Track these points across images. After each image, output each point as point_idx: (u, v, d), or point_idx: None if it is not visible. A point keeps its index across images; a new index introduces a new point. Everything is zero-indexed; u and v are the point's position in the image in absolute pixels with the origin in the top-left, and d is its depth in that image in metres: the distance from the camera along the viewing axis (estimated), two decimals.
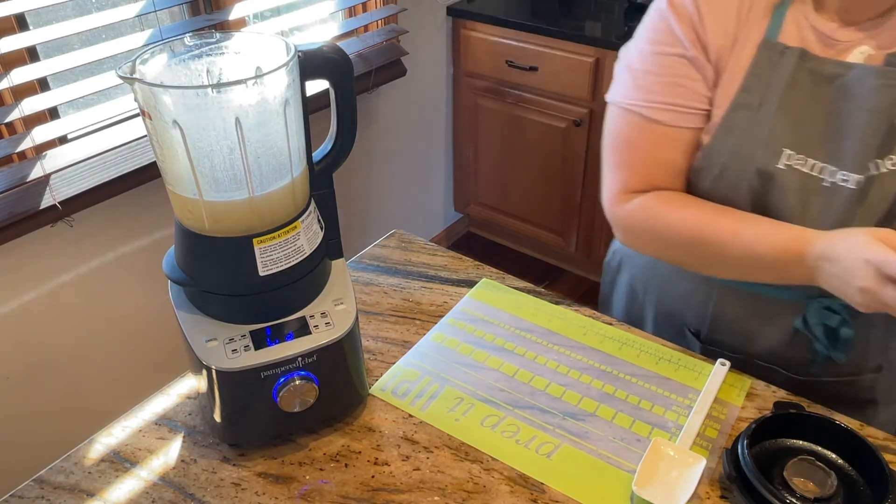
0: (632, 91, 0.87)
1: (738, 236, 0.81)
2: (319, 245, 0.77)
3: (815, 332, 0.88)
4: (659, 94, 0.85)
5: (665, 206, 0.86)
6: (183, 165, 0.67)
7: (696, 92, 0.84)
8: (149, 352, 1.77)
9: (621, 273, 1.12)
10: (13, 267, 1.47)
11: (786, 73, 0.81)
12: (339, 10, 2.00)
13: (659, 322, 1.04)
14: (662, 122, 0.85)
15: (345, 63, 0.74)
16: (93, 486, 0.76)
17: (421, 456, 0.79)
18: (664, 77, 0.85)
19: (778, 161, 0.82)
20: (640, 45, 0.88)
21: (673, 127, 0.85)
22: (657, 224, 0.86)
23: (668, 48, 0.84)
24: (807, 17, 0.82)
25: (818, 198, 0.82)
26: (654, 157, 0.88)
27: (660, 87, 0.85)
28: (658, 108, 0.85)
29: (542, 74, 2.22)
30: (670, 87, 0.84)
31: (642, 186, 0.88)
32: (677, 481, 0.73)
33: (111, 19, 1.47)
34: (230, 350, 0.72)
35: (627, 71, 0.88)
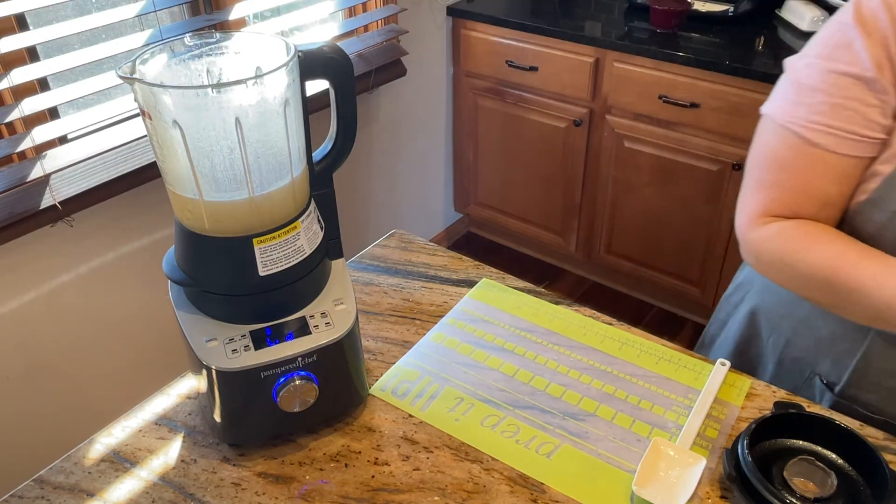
0: (792, 108, 0.78)
1: (879, 282, 0.73)
2: (319, 245, 0.77)
3: None
4: (824, 115, 0.76)
5: (805, 238, 0.78)
6: (183, 165, 0.67)
7: (867, 119, 0.74)
8: (149, 352, 1.77)
9: (741, 308, 1.03)
10: (13, 267, 1.47)
11: None
12: (339, 10, 2.00)
13: (784, 365, 0.96)
14: (822, 146, 0.76)
15: (345, 63, 0.74)
16: (93, 486, 0.76)
17: (421, 456, 0.79)
18: (833, 98, 0.75)
19: None
20: (811, 59, 0.78)
21: (833, 153, 0.76)
22: (794, 256, 0.79)
23: (844, 66, 0.74)
24: None
25: None
26: (805, 182, 0.79)
27: (826, 108, 0.75)
28: (820, 131, 0.76)
29: (542, 74, 2.22)
30: (838, 110, 0.75)
31: (785, 212, 0.81)
32: (677, 481, 0.73)
33: (111, 19, 1.47)
34: (230, 350, 0.72)
35: (792, 85, 0.79)
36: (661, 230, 2.22)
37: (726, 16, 2.09)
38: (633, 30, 2.12)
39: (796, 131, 0.78)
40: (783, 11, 2.13)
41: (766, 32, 2.07)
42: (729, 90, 1.86)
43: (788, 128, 0.78)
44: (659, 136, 2.07)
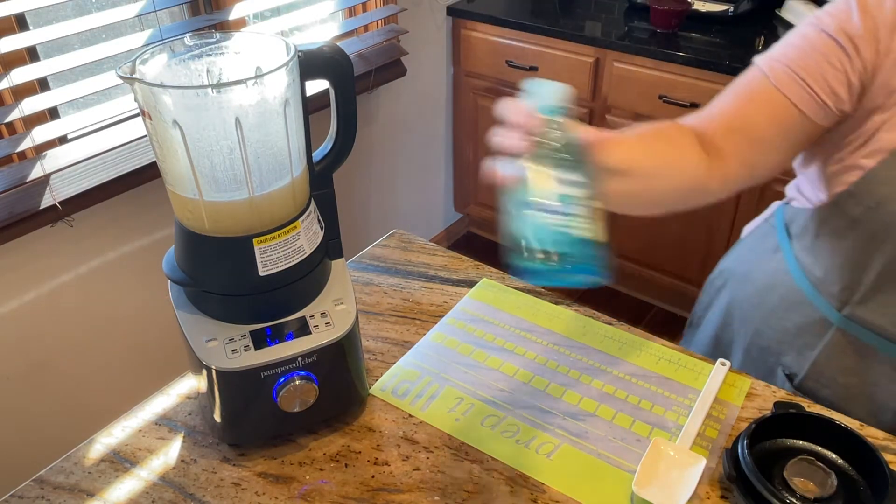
0: (771, 51, 0.80)
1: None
2: (319, 245, 0.77)
3: None
4: (787, 57, 0.76)
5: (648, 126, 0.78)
6: (183, 165, 0.67)
7: (824, 77, 0.74)
8: (149, 352, 1.77)
9: (722, 294, 1.05)
10: (13, 267, 1.47)
11: None
12: (339, 10, 2.00)
13: (751, 355, 0.98)
14: (771, 78, 0.76)
15: (345, 63, 0.74)
16: (93, 486, 0.76)
17: (421, 456, 0.79)
18: (804, 48, 0.76)
19: None
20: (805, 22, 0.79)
21: (776, 89, 0.76)
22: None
23: (827, 26, 0.75)
24: None
25: None
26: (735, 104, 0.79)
27: (792, 52, 0.76)
28: (780, 70, 0.76)
29: (542, 74, 2.22)
30: (803, 56, 0.75)
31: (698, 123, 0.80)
32: (677, 481, 0.73)
33: (111, 19, 1.47)
34: (230, 350, 0.72)
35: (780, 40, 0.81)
36: (661, 230, 2.22)
37: (726, 16, 2.09)
38: (633, 30, 2.12)
39: (759, 65, 0.79)
40: (783, 11, 2.13)
41: (766, 32, 2.07)
42: None
43: (755, 63, 0.80)
44: None
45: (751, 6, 2.11)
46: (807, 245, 0.89)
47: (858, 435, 0.72)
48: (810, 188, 0.89)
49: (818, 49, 0.75)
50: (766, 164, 0.80)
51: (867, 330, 0.84)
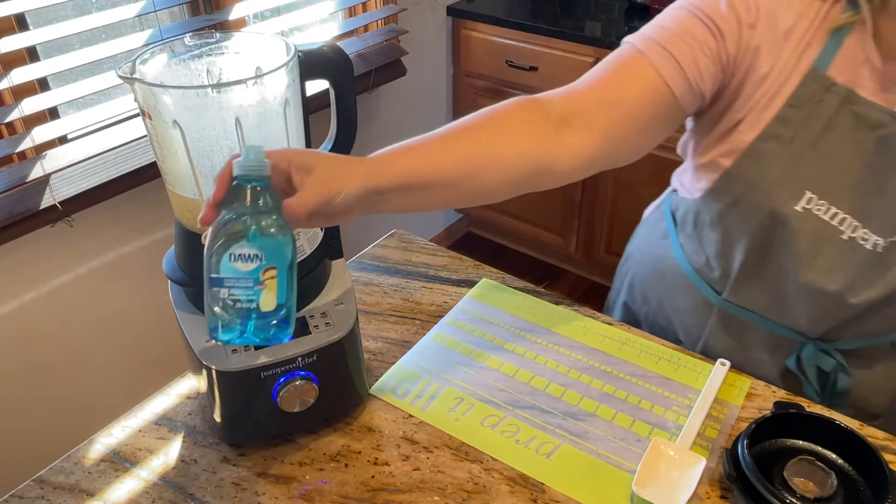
0: (643, 30, 0.80)
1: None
2: (319, 245, 0.77)
3: (808, 373, 0.86)
4: (662, 38, 0.77)
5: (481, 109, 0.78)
6: (183, 165, 0.67)
7: (695, 60, 0.76)
8: (149, 352, 1.77)
9: (625, 278, 1.10)
10: (13, 267, 1.47)
11: (827, 111, 0.74)
12: (339, 10, 2.00)
13: (654, 332, 1.01)
14: (644, 53, 0.76)
15: (345, 63, 0.74)
16: (93, 486, 0.76)
17: (421, 456, 0.79)
18: (676, 28, 0.77)
19: (798, 203, 0.77)
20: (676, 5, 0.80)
21: (649, 64, 0.76)
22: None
23: (699, 11, 0.76)
24: (865, 50, 0.74)
25: (832, 249, 0.77)
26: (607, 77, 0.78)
27: (666, 34, 0.77)
28: (653, 47, 0.77)
29: (542, 74, 2.22)
30: (676, 38, 0.76)
31: (566, 96, 0.78)
32: (677, 481, 0.73)
33: (111, 19, 1.47)
34: (230, 350, 0.72)
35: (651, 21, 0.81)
36: None
37: None
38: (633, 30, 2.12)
39: (632, 42, 0.79)
40: None
41: None
42: None
43: (630, 41, 0.79)
44: None
45: None
46: (689, 233, 0.94)
47: (858, 435, 0.72)
48: (689, 180, 0.93)
49: (690, 32, 0.76)
50: (631, 143, 0.80)
51: (744, 309, 0.89)
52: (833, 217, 0.77)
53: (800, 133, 0.76)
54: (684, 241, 0.95)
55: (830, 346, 0.85)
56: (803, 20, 0.75)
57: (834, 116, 0.75)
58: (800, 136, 0.76)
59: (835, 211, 0.77)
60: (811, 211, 0.77)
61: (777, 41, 0.75)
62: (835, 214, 0.77)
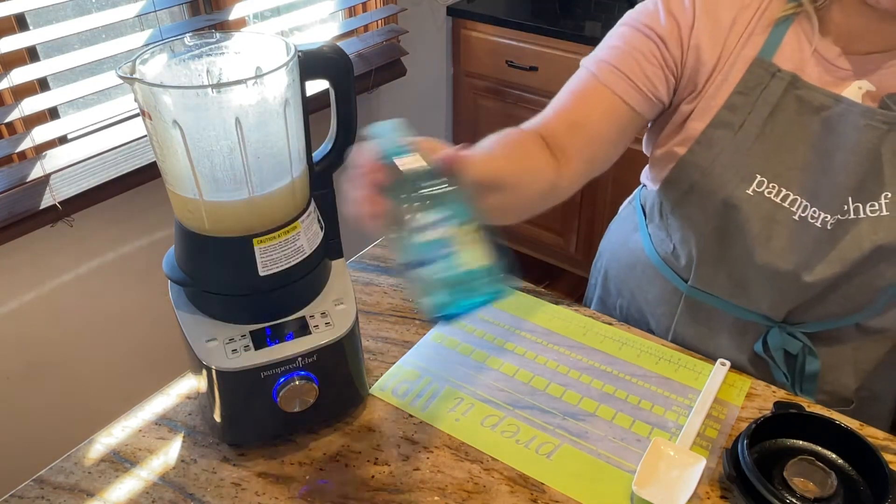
0: (595, 52, 0.87)
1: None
2: (319, 245, 0.77)
3: (776, 357, 0.88)
4: (612, 58, 0.83)
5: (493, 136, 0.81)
6: (183, 165, 0.67)
7: (645, 74, 0.82)
8: (149, 352, 1.77)
9: (600, 272, 1.12)
10: (13, 267, 1.47)
11: (773, 96, 0.78)
12: (339, 10, 2.00)
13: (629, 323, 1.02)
14: (602, 79, 0.83)
15: (345, 63, 0.74)
16: (93, 486, 0.76)
17: (421, 456, 0.79)
18: (624, 46, 0.83)
19: (749, 186, 0.80)
20: (624, 18, 0.87)
21: (605, 86, 0.83)
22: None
23: (641, 26, 0.83)
24: (809, 38, 0.78)
25: (785, 230, 0.80)
26: (571, 103, 0.85)
27: (616, 53, 0.83)
28: (604, 68, 0.83)
29: (542, 74, 2.22)
30: (624, 57, 0.83)
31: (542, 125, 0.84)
32: (677, 481, 0.73)
33: (111, 19, 1.47)
34: (230, 350, 0.72)
35: (602, 41, 0.88)
36: None
37: None
38: None
39: (587, 66, 0.86)
40: None
41: None
42: None
43: (583, 65, 0.87)
44: None
45: None
46: (656, 223, 0.97)
47: (858, 435, 0.72)
48: (651, 172, 0.96)
49: (636, 47, 0.82)
50: (603, 158, 0.87)
51: (709, 295, 0.92)
52: (784, 199, 0.80)
53: (748, 119, 0.79)
54: (652, 232, 0.99)
55: (795, 329, 0.88)
56: (746, 11, 0.80)
57: (780, 101, 0.78)
58: (748, 122, 0.79)
59: (785, 192, 0.80)
60: (762, 194, 0.80)
61: (719, 35, 0.80)
62: (786, 196, 0.80)
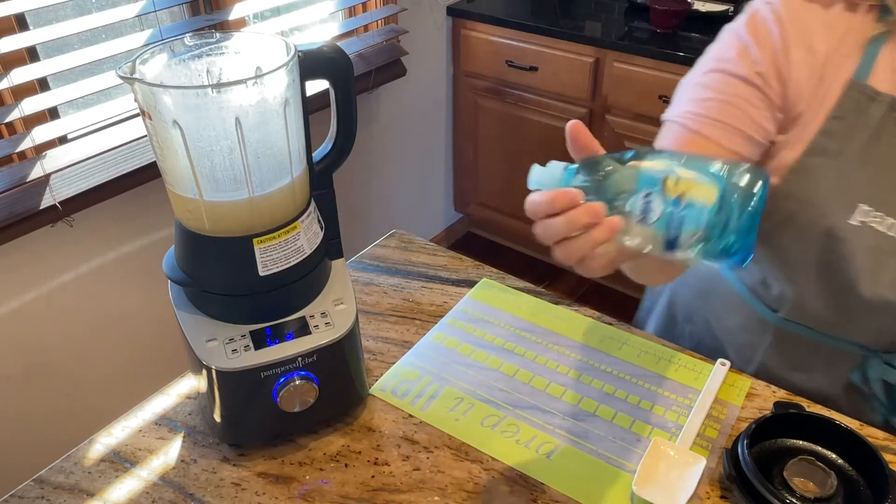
0: (682, 106, 0.79)
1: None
2: (319, 245, 0.77)
3: (874, 388, 0.84)
4: (712, 110, 0.76)
5: None
6: (183, 165, 0.67)
7: (753, 120, 0.75)
8: (149, 352, 1.77)
9: (661, 298, 1.08)
10: (13, 267, 1.47)
11: (873, 120, 0.73)
12: (339, 10, 2.00)
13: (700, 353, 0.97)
14: (709, 136, 0.75)
15: (345, 63, 0.74)
16: (93, 486, 0.76)
17: (421, 456, 0.79)
18: (723, 95, 0.76)
19: (851, 216, 0.75)
20: (704, 65, 0.80)
21: (717, 144, 0.75)
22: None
23: (735, 68, 0.76)
24: None
25: (893, 260, 0.76)
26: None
27: (715, 105, 0.76)
28: (707, 124, 0.76)
29: (542, 74, 2.22)
30: (726, 107, 0.76)
31: None
32: (677, 481, 0.73)
33: (111, 19, 1.47)
34: (230, 350, 0.72)
35: (685, 91, 0.80)
36: None
37: (726, 16, 2.09)
38: (633, 30, 2.12)
39: (685, 124, 0.77)
40: None
41: None
42: None
43: (678, 121, 0.78)
44: None
45: None
46: None
47: (858, 435, 0.72)
48: None
49: (737, 95, 0.75)
50: None
51: (803, 326, 0.87)
52: (890, 227, 0.75)
53: (847, 145, 0.75)
54: None
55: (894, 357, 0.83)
56: (834, 33, 0.75)
57: (880, 126, 0.74)
58: (847, 149, 0.75)
59: (891, 221, 0.75)
60: (867, 224, 0.75)
61: (815, 63, 0.75)
62: (892, 225, 0.75)
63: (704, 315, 0.99)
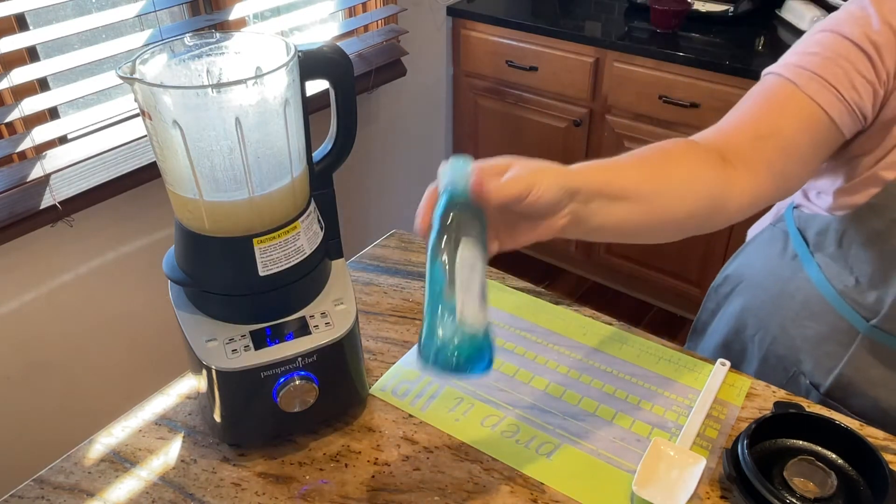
0: (785, 58, 0.75)
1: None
2: (319, 245, 0.77)
3: None
4: (813, 64, 0.72)
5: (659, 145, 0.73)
6: (183, 165, 0.67)
7: (853, 84, 0.71)
8: (149, 352, 1.77)
9: (731, 301, 1.03)
10: (13, 267, 1.47)
11: None
12: (339, 10, 2.00)
13: (768, 362, 0.95)
14: (797, 83, 0.72)
15: (345, 63, 0.74)
16: (93, 486, 0.76)
17: (421, 456, 0.79)
18: (828, 53, 0.72)
19: None
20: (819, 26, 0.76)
21: (804, 94, 0.71)
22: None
23: (849, 32, 0.72)
24: None
25: None
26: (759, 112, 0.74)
27: (818, 61, 0.72)
28: (804, 75, 0.72)
29: (542, 74, 2.22)
30: (828, 64, 0.72)
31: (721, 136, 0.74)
32: (677, 481, 0.73)
33: (111, 19, 1.47)
34: (230, 350, 0.72)
35: (795, 47, 0.77)
36: None
37: (726, 16, 2.09)
38: (633, 30, 2.12)
39: (782, 73, 0.74)
40: (783, 11, 2.13)
41: (766, 32, 2.07)
42: (729, 90, 1.86)
43: (775, 72, 0.75)
44: (659, 136, 2.06)
45: (751, 6, 2.11)
46: (831, 253, 0.86)
47: (858, 435, 0.72)
48: (820, 197, 0.87)
49: (843, 56, 0.72)
50: (795, 175, 0.76)
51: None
52: None
53: None
54: (823, 263, 0.87)
55: None
56: None
57: None
58: None
59: None
60: None
61: None
62: None
63: (779, 321, 0.93)
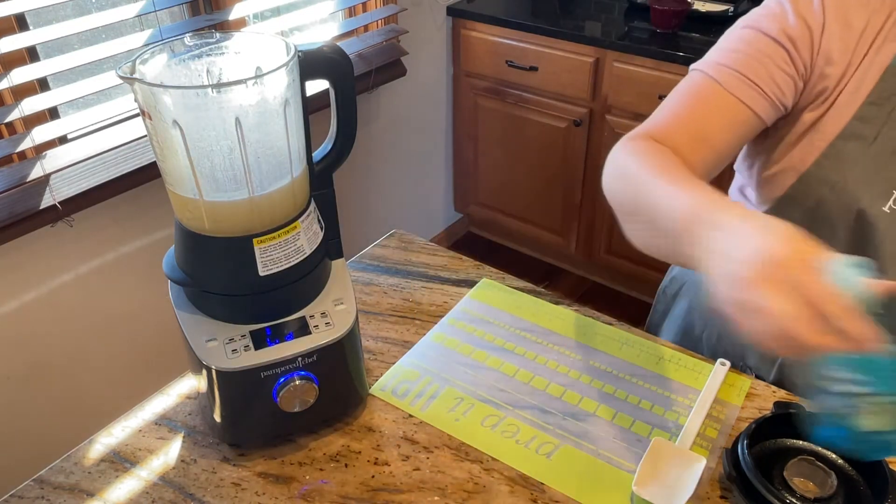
0: (710, 56, 0.80)
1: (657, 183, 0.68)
2: (319, 245, 0.77)
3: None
4: (734, 62, 0.77)
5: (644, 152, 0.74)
6: (183, 165, 0.67)
7: (772, 78, 0.76)
8: (149, 352, 1.77)
9: (678, 302, 1.05)
10: (13, 267, 1.47)
11: None
12: (339, 10, 2.00)
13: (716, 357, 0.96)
14: (721, 83, 0.76)
15: (345, 63, 0.74)
16: (93, 486, 0.76)
17: (421, 456, 0.79)
18: (748, 50, 0.77)
19: (885, 203, 0.74)
20: (740, 23, 0.81)
21: (730, 94, 0.76)
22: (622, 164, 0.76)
23: (767, 27, 0.77)
24: None
25: None
26: (690, 112, 0.79)
27: (739, 57, 0.77)
28: (726, 73, 0.76)
29: (542, 74, 2.22)
30: (748, 61, 0.76)
31: (660, 136, 0.78)
32: (677, 481, 0.73)
33: (111, 19, 1.47)
34: (230, 350, 0.72)
35: (716, 46, 0.81)
36: None
37: (726, 16, 2.09)
38: (633, 30, 2.12)
39: (704, 70, 0.79)
40: None
41: None
42: None
43: (700, 69, 0.79)
44: None
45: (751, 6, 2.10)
46: None
47: None
48: (754, 192, 0.90)
49: (762, 51, 0.76)
50: (719, 168, 0.81)
51: None
52: None
53: (882, 131, 0.74)
54: None
55: None
56: (877, 16, 0.75)
57: None
58: (883, 134, 0.74)
59: None
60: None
61: (850, 40, 0.75)
62: None
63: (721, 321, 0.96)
